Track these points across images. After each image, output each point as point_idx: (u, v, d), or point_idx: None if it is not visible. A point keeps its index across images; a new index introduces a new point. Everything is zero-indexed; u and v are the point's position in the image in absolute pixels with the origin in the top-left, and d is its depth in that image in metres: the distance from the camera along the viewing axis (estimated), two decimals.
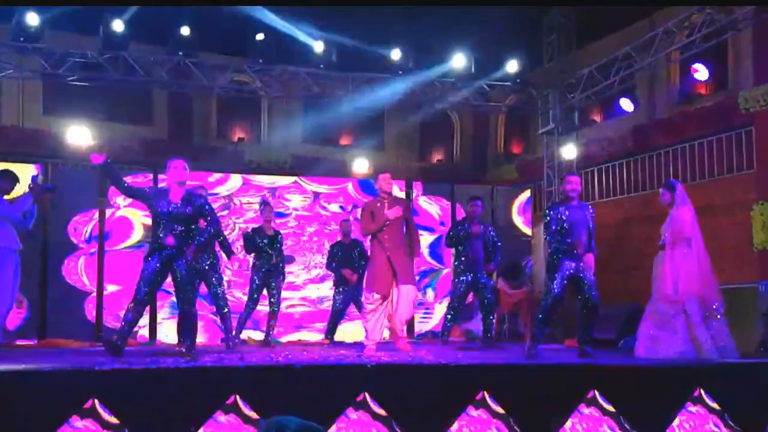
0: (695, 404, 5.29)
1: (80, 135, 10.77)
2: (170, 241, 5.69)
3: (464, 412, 4.84)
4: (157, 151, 11.20)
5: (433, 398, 4.91)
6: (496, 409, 4.88)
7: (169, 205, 5.76)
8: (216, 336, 9.47)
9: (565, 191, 6.72)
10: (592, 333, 6.67)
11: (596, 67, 10.56)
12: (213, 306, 8.15)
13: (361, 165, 12.46)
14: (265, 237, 8.39)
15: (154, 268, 5.72)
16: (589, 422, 5.06)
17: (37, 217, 6.73)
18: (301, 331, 10.66)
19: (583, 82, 10.84)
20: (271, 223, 8.59)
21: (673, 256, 6.45)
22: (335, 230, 10.34)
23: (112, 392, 4.34)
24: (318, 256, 10.80)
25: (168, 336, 9.42)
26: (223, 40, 10.91)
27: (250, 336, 9.44)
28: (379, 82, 11.05)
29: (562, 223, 6.49)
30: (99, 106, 11.65)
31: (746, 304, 7.56)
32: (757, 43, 9.40)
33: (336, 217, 10.81)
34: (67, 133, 10.74)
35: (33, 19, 9.39)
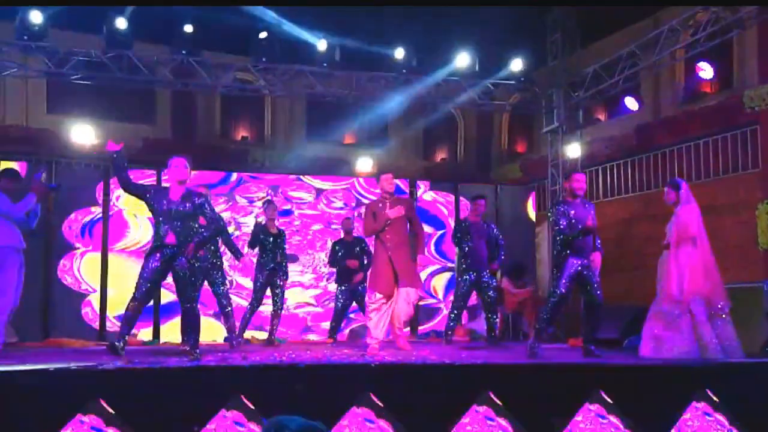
0: (700, 404, 5.28)
1: (84, 134, 10.79)
2: (170, 239, 5.70)
3: (468, 412, 4.84)
4: (161, 150, 11.13)
5: (437, 398, 4.90)
6: (500, 408, 4.87)
7: (169, 203, 5.77)
8: (219, 335, 9.47)
9: (571, 189, 6.64)
10: (596, 332, 6.65)
11: (600, 66, 10.52)
12: (216, 305, 8.15)
13: (365, 164, 12.44)
14: (269, 235, 8.39)
15: (154, 267, 5.72)
16: (594, 422, 5.04)
17: (40, 216, 6.73)
18: (309, 334, 10.62)
19: (587, 81, 10.80)
20: (275, 222, 8.60)
21: (678, 255, 6.43)
22: (339, 228, 10.34)
23: (115, 391, 4.34)
24: (322, 254, 10.80)
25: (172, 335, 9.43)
26: (227, 39, 10.91)
27: (254, 335, 9.44)
28: (382, 81, 11.04)
29: (570, 220, 6.46)
30: (103, 105, 11.64)
31: (751, 304, 7.49)
32: (762, 42, 9.35)
33: (340, 215, 10.81)
34: (71, 132, 10.76)
35: (37, 17, 9.40)
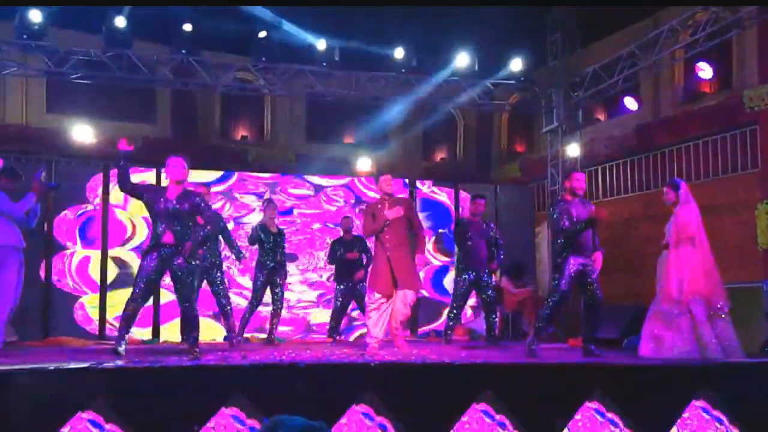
0: (700, 404, 5.28)
1: (84, 133, 10.81)
2: (168, 238, 5.71)
3: (468, 411, 4.84)
4: (161, 149, 11.10)
5: (437, 397, 4.90)
6: (499, 407, 4.87)
7: (167, 202, 5.79)
8: (219, 335, 9.46)
9: (572, 188, 6.62)
10: (596, 332, 6.65)
11: (600, 66, 10.52)
12: (216, 304, 8.15)
13: (365, 163, 12.45)
14: (269, 234, 8.38)
15: (152, 266, 5.72)
16: (593, 421, 5.05)
17: (40, 216, 6.73)
18: (310, 334, 10.58)
19: (587, 81, 10.81)
20: (275, 221, 8.59)
21: (677, 255, 6.43)
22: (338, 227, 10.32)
23: (115, 391, 4.35)
24: (322, 253, 10.78)
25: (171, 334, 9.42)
26: (227, 39, 10.91)
27: (254, 334, 9.43)
28: (382, 80, 11.05)
29: (572, 218, 6.43)
30: (102, 104, 11.65)
31: (751, 304, 7.51)
32: (761, 42, 9.36)
33: (339, 213, 10.81)
34: (71, 131, 10.77)
35: (36, 16, 9.39)
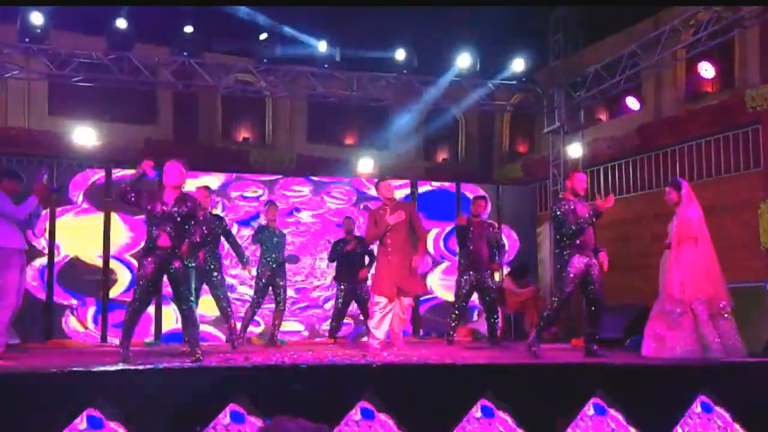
0: (702, 404, 5.27)
1: (86, 135, 10.82)
2: (164, 241, 5.72)
3: (470, 412, 4.83)
4: (162, 152, 11.18)
5: (439, 398, 4.90)
6: (502, 408, 4.87)
7: (163, 206, 5.80)
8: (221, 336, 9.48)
9: (573, 188, 6.61)
10: (598, 332, 6.64)
11: (602, 66, 10.50)
12: (216, 308, 8.14)
13: (366, 165, 12.45)
14: (271, 235, 8.39)
15: (149, 270, 5.73)
16: (595, 421, 5.04)
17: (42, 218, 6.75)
18: (311, 335, 10.57)
19: (588, 81, 10.79)
20: (276, 223, 8.60)
21: (679, 255, 6.43)
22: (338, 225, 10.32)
23: (118, 393, 4.35)
24: (324, 254, 10.77)
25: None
26: (228, 41, 10.91)
27: (256, 336, 9.44)
28: (383, 81, 11.05)
29: (578, 217, 6.39)
30: (104, 107, 11.64)
31: (753, 303, 7.48)
32: (764, 41, 9.32)
33: (340, 211, 10.81)
34: (73, 134, 10.78)
35: (38, 18, 9.39)
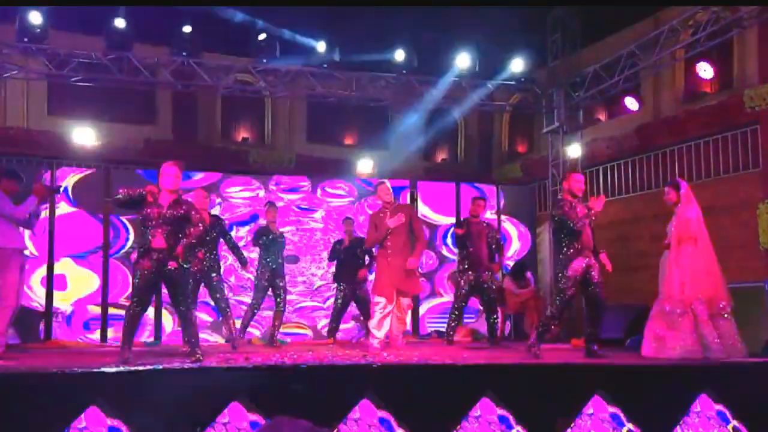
0: (702, 404, 5.28)
1: (85, 135, 10.82)
2: (158, 242, 5.72)
3: (470, 412, 4.84)
4: (162, 152, 11.20)
5: (439, 398, 4.90)
6: (502, 408, 4.87)
7: (159, 208, 5.80)
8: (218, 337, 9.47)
9: (570, 189, 6.57)
10: (598, 332, 6.64)
11: (601, 66, 10.52)
12: (215, 308, 8.14)
13: (366, 165, 12.45)
14: (271, 236, 8.38)
15: (145, 272, 5.72)
16: (596, 421, 5.05)
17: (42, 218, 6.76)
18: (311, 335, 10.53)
19: (587, 81, 10.81)
20: (276, 224, 8.59)
21: (679, 255, 6.43)
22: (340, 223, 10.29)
23: (118, 393, 4.35)
24: (324, 253, 10.75)
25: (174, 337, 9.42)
26: (227, 40, 10.91)
27: (256, 336, 9.44)
28: (382, 81, 11.05)
29: (579, 217, 6.34)
30: (103, 107, 11.64)
31: (753, 304, 7.49)
32: (762, 42, 9.34)
33: (341, 209, 10.82)
34: (72, 134, 10.78)
35: (36, 18, 9.38)
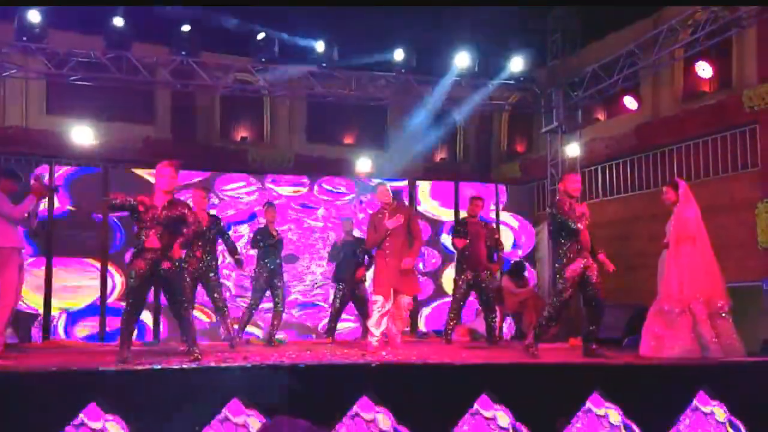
0: (700, 403, 5.28)
1: (84, 134, 10.82)
2: (152, 242, 5.71)
3: (469, 411, 4.84)
4: (160, 151, 11.20)
5: (438, 397, 4.91)
6: (500, 408, 4.87)
7: (154, 209, 5.80)
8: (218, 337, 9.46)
9: (566, 190, 6.57)
10: (597, 331, 6.64)
11: (600, 66, 10.52)
12: (213, 307, 8.13)
13: (365, 164, 12.45)
14: (269, 237, 8.38)
15: (140, 272, 5.70)
16: (594, 420, 5.05)
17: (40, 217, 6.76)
18: (311, 334, 10.52)
19: (586, 81, 10.81)
20: (275, 224, 8.59)
21: (677, 254, 6.44)
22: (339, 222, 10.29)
23: (117, 392, 4.35)
24: (323, 252, 10.74)
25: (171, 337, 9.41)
26: (226, 40, 10.90)
27: (254, 336, 9.44)
28: (382, 80, 11.05)
29: (576, 219, 6.35)
30: (102, 106, 11.65)
31: (751, 303, 7.51)
32: (761, 41, 9.36)
33: (341, 208, 10.82)
34: (70, 133, 10.78)
35: (35, 17, 9.37)
